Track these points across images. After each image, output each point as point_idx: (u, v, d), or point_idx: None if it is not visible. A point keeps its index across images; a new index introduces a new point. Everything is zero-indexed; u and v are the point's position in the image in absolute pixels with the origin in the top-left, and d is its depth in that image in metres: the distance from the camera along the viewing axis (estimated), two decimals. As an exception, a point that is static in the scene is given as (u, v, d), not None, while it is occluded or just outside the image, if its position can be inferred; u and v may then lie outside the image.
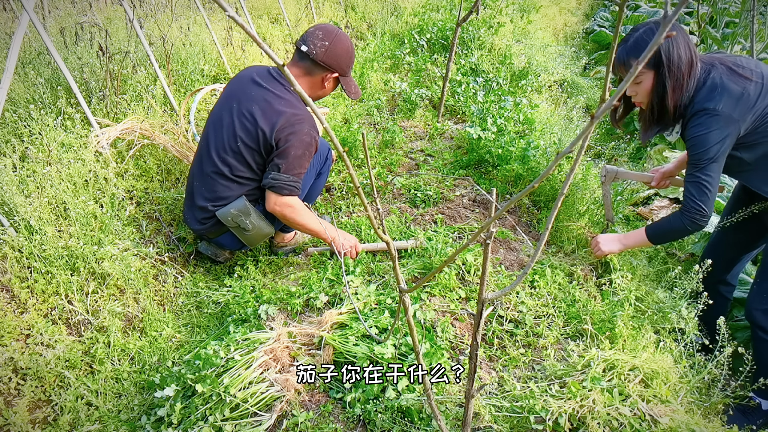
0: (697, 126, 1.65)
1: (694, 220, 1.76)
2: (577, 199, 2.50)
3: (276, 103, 2.04)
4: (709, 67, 1.68)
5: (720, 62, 1.69)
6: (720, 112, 1.61)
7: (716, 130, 1.62)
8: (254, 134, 2.03)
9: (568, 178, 0.74)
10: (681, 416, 1.47)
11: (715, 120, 1.62)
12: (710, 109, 1.62)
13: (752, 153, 1.72)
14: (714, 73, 1.66)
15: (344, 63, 2.12)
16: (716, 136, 1.63)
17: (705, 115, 1.63)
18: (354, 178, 0.88)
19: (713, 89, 1.63)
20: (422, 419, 1.55)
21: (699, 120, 1.64)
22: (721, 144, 1.64)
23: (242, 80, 2.14)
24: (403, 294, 1.10)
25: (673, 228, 1.84)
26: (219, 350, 1.72)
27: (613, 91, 0.61)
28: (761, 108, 1.64)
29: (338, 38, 2.07)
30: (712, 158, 1.66)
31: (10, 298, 1.90)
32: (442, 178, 3.01)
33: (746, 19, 4.82)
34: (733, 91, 1.62)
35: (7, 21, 4.20)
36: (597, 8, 9.19)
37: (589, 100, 4.91)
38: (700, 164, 1.69)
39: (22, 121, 2.49)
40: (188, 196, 2.24)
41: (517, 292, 2.08)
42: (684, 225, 1.79)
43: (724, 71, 1.66)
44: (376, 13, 6.33)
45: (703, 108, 1.63)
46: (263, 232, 2.21)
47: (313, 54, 2.04)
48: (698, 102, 1.65)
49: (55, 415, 1.73)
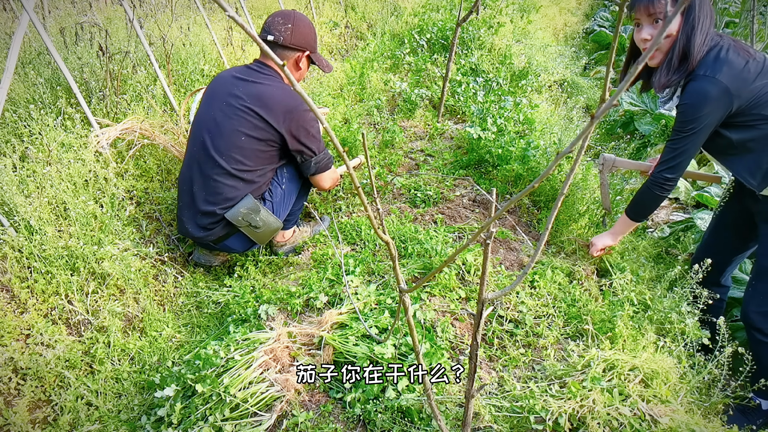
0: (692, 92, 1.64)
1: (662, 188, 1.82)
2: (577, 199, 2.50)
3: (270, 92, 2.08)
4: (718, 38, 1.67)
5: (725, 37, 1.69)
6: (717, 81, 1.60)
7: (710, 100, 1.61)
8: (260, 126, 2.06)
9: (568, 178, 0.74)
10: (681, 416, 1.47)
11: (711, 88, 1.60)
12: (709, 77, 1.61)
13: (740, 135, 1.70)
14: (722, 43, 1.65)
15: (311, 39, 2.18)
16: (708, 105, 1.62)
17: (704, 80, 1.62)
18: (354, 178, 0.88)
19: (716, 59, 1.62)
20: (422, 419, 1.55)
21: (696, 85, 1.64)
22: (710, 115, 1.63)
23: (224, 80, 2.16)
24: (403, 294, 1.10)
25: (645, 200, 1.91)
26: (219, 350, 1.72)
27: (613, 91, 0.61)
28: (758, 88, 1.62)
29: (298, 19, 2.13)
30: (696, 129, 1.66)
31: (10, 298, 1.90)
32: (442, 178, 3.01)
33: (746, 19, 4.82)
34: (735, 63, 1.61)
35: (7, 21, 4.20)
36: (597, 8, 9.19)
37: (589, 100, 4.91)
38: (683, 132, 1.69)
39: (22, 121, 2.49)
40: (187, 205, 2.19)
41: (517, 292, 2.08)
42: (654, 193, 1.85)
43: (731, 44, 1.65)
44: (376, 13, 6.33)
45: (703, 74, 1.62)
46: (273, 227, 2.22)
47: (281, 40, 2.09)
48: (699, 68, 1.64)
49: (55, 415, 1.73)
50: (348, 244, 2.47)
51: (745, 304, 1.87)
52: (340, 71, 4.48)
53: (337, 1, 6.38)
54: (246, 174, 2.12)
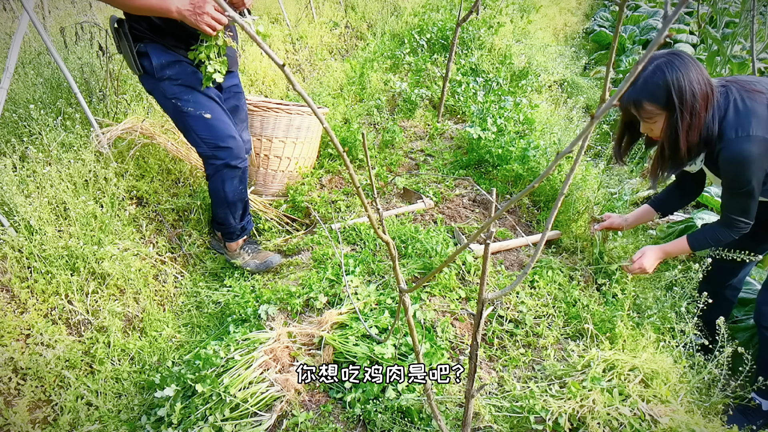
0: (734, 159, 1.58)
1: (739, 231, 1.76)
2: (576, 199, 2.50)
3: None
4: (724, 89, 1.61)
5: (731, 82, 1.63)
6: (754, 137, 1.54)
7: (754, 157, 1.56)
8: None
9: (568, 178, 0.74)
10: (681, 416, 1.47)
11: (751, 147, 1.55)
12: (742, 138, 1.55)
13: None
14: (731, 95, 1.59)
15: None
16: (755, 163, 1.57)
17: (739, 143, 1.56)
18: (354, 178, 0.88)
19: (738, 113, 1.57)
20: (422, 419, 1.55)
21: (734, 150, 1.57)
22: (760, 169, 1.58)
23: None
24: (403, 294, 1.10)
25: (721, 240, 1.82)
26: (219, 350, 1.72)
27: (613, 91, 0.61)
28: None
29: None
30: (752, 184, 1.61)
31: (10, 298, 1.90)
32: (442, 178, 3.01)
33: (746, 19, 4.82)
34: (758, 111, 1.56)
35: (7, 21, 4.20)
36: (597, 8, 9.20)
37: (589, 100, 4.91)
38: (741, 190, 1.64)
39: (22, 121, 2.49)
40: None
41: (517, 292, 2.08)
42: (732, 236, 1.78)
43: (741, 90, 1.60)
44: (376, 13, 6.33)
45: (735, 137, 1.56)
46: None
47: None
48: (728, 129, 1.57)
49: (55, 415, 1.73)
50: (348, 244, 2.47)
51: (759, 303, 1.86)
52: (340, 71, 4.49)
53: (337, 1, 6.38)
54: None
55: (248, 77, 4.09)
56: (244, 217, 2.39)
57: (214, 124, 2.04)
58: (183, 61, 1.98)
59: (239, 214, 2.34)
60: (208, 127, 2.03)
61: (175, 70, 1.96)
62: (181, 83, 1.98)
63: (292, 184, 2.95)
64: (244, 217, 2.38)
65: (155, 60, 1.94)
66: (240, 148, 2.15)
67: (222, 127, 2.07)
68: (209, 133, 2.05)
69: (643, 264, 1.92)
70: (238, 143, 2.13)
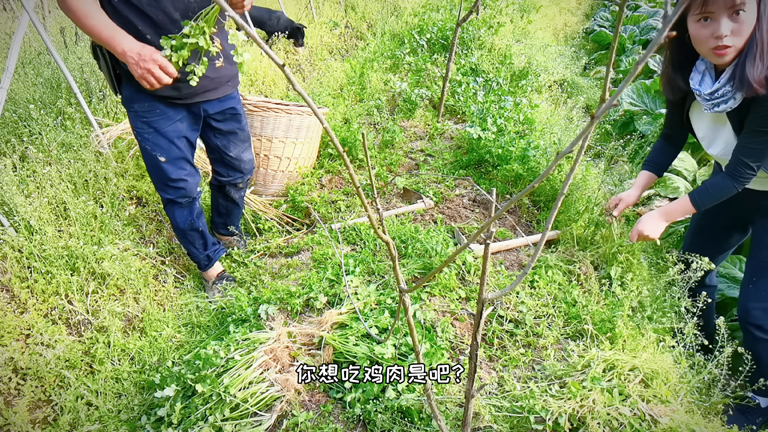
0: None
1: (744, 181, 1.70)
2: (576, 199, 2.50)
3: None
4: None
5: None
6: None
7: None
8: None
9: (568, 178, 0.74)
10: (681, 416, 1.48)
11: None
12: None
13: None
14: None
15: None
16: None
17: None
18: (354, 178, 0.88)
19: None
20: (422, 419, 1.55)
21: None
22: None
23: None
24: (403, 294, 1.10)
25: (724, 191, 1.75)
26: (219, 350, 1.72)
27: (613, 91, 0.61)
28: None
29: None
30: None
31: (10, 298, 1.90)
32: (442, 178, 3.01)
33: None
34: None
35: (7, 21, 4.20)
36: (597, 8, 9.20)
37: (589, 100, 4.91)
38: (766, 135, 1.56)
39: (22, 121, 2.49)
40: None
41: (517, 292, 2.08)
42: (735, 187, 1.72)
43: None
44: (376, 13, 6.33)
45: None
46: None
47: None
48: None
49: (55, 415, 1.73)
50: (348, 244, 2.47)
51: (744, 300, 1.84)
52: (340, 71, 4.48)
53: (337, 1, 6.38)
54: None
55: (248, 77, 4.09)
56: (207, 247, 2.30)
57: (166, 168, 1.98)
58: (154, 101, 1.88)
59: (200, 243, 2.26)
60: (159, 169, 1.98)
61: (143, 106, 1.88)
62: (145, 121, 1.91)
63: (292, 184, 2.95)
64: (207, 246, 2.29)
65: (125, 91, 1.87)
66: (192, 188, 2.07)
67: (173, 171, 2.00)
68: (158, 175, 2.00)
69: (642, 229, 1.87)
70: (189, 184, 2.06)
